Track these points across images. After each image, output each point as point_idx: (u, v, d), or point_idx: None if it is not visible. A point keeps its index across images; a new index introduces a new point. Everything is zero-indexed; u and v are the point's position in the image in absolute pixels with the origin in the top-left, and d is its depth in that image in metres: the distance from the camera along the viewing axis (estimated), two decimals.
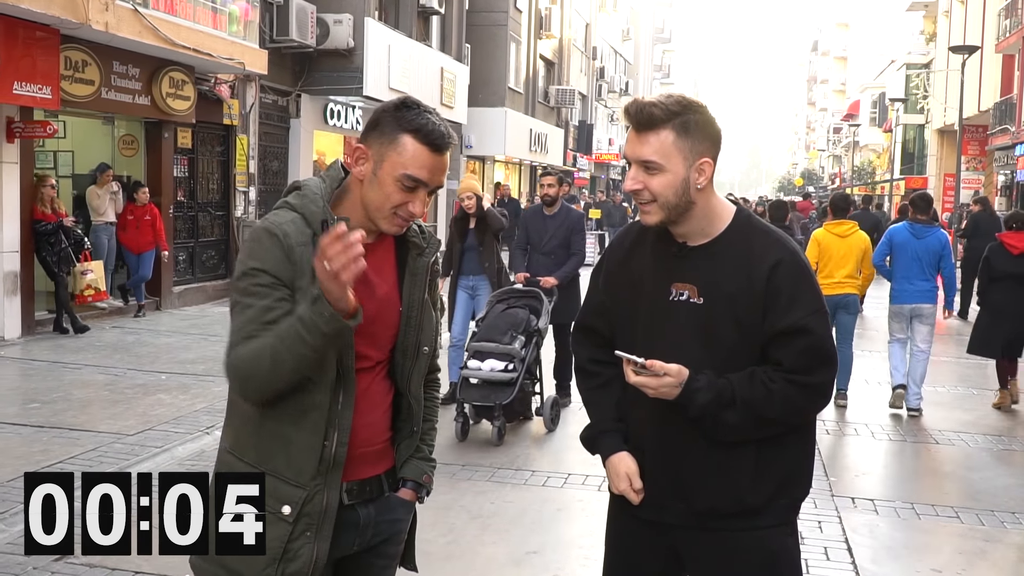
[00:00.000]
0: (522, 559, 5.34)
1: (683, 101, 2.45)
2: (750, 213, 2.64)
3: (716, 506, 2.51)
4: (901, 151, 47.52)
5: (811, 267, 2.59)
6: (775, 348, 2.46)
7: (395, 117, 2.38)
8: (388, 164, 2.36)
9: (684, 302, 2.50)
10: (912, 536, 5.91)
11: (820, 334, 2.47)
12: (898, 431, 8.45)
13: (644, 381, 2.43)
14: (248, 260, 2.32)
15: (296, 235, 2.32)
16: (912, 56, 44.92)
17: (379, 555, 2.61)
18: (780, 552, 2.59)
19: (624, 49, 54.78)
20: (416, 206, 2.40)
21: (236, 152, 16.52)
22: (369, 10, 19.25)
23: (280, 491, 2.35)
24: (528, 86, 33.80)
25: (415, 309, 2.56)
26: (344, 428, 2.39)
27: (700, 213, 2.50)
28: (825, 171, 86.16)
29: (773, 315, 2.44)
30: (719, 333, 2.48)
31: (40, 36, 10.93)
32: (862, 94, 60.96)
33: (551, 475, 6.77)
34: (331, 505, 2.39)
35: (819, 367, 2.48)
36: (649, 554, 2.66)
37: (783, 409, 2.45)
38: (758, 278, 2.45)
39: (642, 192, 2.48)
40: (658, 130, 2.43)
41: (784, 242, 2.54)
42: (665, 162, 2.44)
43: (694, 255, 2.52)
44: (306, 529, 2.36)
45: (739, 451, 2.49)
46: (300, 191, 2.42)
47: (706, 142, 2.46)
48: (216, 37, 13.87)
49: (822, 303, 2.52)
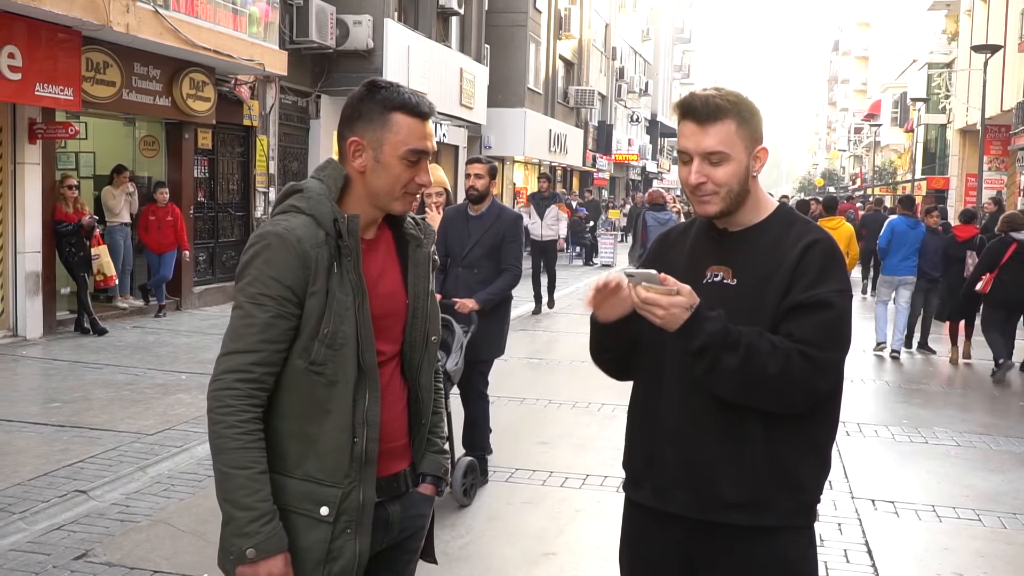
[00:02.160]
0: (539, 560, 5.33)
1: (734, 93, 2.52)
2: (790, 207, 2.70)
3: (722, 493, 2.47)
4: (923, 151, 47.19)
5: (843, 254, 2.57)
6: (791, 319, 2.41)
7: (376, 101, 2.41)
8: (388, 146, 2.40)
9: (718, 283, 2.50)
10: (933, 539, 5.85)
11: (841, 312, 2.42)
12: (919, 432, 8.39)
13: (655, 298, 2.33)
14: (264, 267, 2.32)
15: (309, 239, 2.33)
16: (934, 55, 44.58)
17: (403, 550, 2.64)
18: (798, 562, 2.54)
19: (644, 49, 54.65)
20: (424, 177, 2.47)
21: (256, 153, 16.58)
22: (389, 11, 19.29)
23: (315, 493, 2.36)
24: (547, 87, 33.77)
25: (421, 300, 2.58)
26: (373, 424, 2.41)
27: (752, 201, 2.55)
28: (846, 171, 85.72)
29: (797, 288, 2.42)
30: (748, 313, 2.44)
31: (62, 38, 11.01)
32: (883, 94, 60.58)
33: (569, 476, 6.75)
34: (368, 501, 2.41)
35: (832, 345, 2.41)
36: (663, 556, 2.63)
37: (783, 371, 2.35)
38: (791, 257, 2.45)
39: (705, 184, 2.50)
40: (723, 120, 2.47)
41: (821, 229, 2.58)
42: (731, 151, 2.48)
43: (733, 239, 2.55)
44: (346, 527, 2.38)
45: (749, 443, 2.45)
46: (303, 193, 2.42)
47: (759, 131, 2.54)
48: (236, 38, 13.92)
49: (849, 287, 2.50)
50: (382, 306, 2.46)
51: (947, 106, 41.33)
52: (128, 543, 5.34)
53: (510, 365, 10.70)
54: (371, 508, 2.43)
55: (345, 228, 2.35)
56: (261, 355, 2.31)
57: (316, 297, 2.32)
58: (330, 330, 2.34)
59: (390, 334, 2.52)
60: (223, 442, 2.30)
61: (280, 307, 2.31)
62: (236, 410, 2.29)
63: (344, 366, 2.36)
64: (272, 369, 2.34)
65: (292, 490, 2.36)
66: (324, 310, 2.34)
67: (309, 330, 2.34)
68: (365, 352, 2.39)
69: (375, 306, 2.43)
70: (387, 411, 2.48)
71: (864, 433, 8.33)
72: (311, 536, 2.36)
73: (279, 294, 2.30)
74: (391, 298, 2.52)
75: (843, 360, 2.47)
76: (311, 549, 2.35)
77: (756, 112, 2.54)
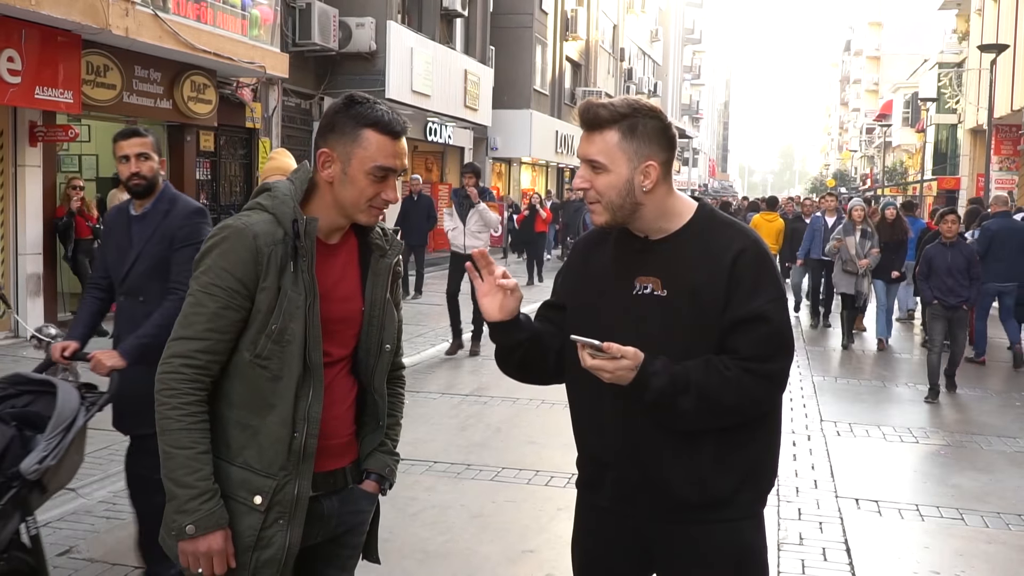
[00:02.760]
0: (517, 557, 5.37)
1: (634, 104, 2.47)
2: (713, 207, 2.65)
3: (681, 496, 2.51)
4: (933, 151, 47.01)
5: (772, 255, 2.58)
6: (733, 336, 2.45)
7: (350, 115, 2.48)
8: (356, 161, 2.46)
9: (648, 295, 2.50)
10: (913, 538, 5.86)
11: (779, 322, 2.46)
12: (910, 433, 8.39)
13: (601, 364, 2.38)
14: (219, 259, 2.41)
15: (266, 236, 2.41)
16: (945, 55, 44.41)
17: (342, 545, 2.70)
18: (752, 546, 2.59)
19: (653, 50, 54.62)
20: (390, 193, 2.52)
21: (259, 155, 16.66)
22: (391, 13, 19.37)
23: (251, 482, 2.45)
24: (554, 88, 33.80)
25: (377, 308, 2.64)
26: (314, 421, 2.48)
27: (652, 213, 2.52)
28: (858, 172, 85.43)
29: (734, 303, 2.44)
30: (682, 324, 2.47)
31: (61, 41, 11.11)
32: (895, 94, 60.33)
33: (555, 475, 6.78)
34: (303, 494, 2.49)
35: (776, 355, 2.46)
36: (618, 551, 2.66)
37: (738, 397, 2.42)
38: (721, 268, 2.45)
39: (589, 191, 2.52)
40: (603, 131, 2.46)
41: (746, 232, 2.55)
42: (608, 162, 2.46)
43: (657, 248, 2.54)
44: (278, 517, 2.46)
45: (699, 441, 2.49)
46: (271, 192, 2.51)
47: (653, 145, 2.48)
48: (237, 41, 14.01)
49: (782, 292, 2.52)
50: (336, 310, 2.54)
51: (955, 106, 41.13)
52: (111, 540, 5.40)
53: None
54: (305, 502, 2.49)
55: (303, 229, 2.42)
56: (207, 343, 2.40)
57: (266, 292, 2.40)
58: (278, 326, 2.41)
59: (341, 338, 2.58)
60: (167, 423, 2.39)
61: (229, 298, 2.39)
62: (180, 392, 2.38)
63: (289, 362, 2.43)
64: (217, 357, 2.43)
65: (231, 477, 2.45)
66: (274, 306, 2.41)
67: (258, 324, 2.42)
68: (312, 351, 2.45)
69: (329, 309, 2.50)
70: (328, 410, 2.53)
71: (855, 433, 8.34)
72: (243, 522, 2.44)
73: (229, 286, 2.39)
74: (346, 303, 2.58)
75: (789, 365, 2.53)
76: (242, 535, 2.44)
77: (654, 129, 2.47)
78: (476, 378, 10.33)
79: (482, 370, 10.77)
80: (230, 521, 2.43)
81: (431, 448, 7.26)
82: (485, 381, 10.11)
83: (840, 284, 13.12)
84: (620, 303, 2.54)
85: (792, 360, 2.54)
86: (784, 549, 5.51)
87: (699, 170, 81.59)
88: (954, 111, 41.85)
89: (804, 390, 10.02)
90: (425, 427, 7.91)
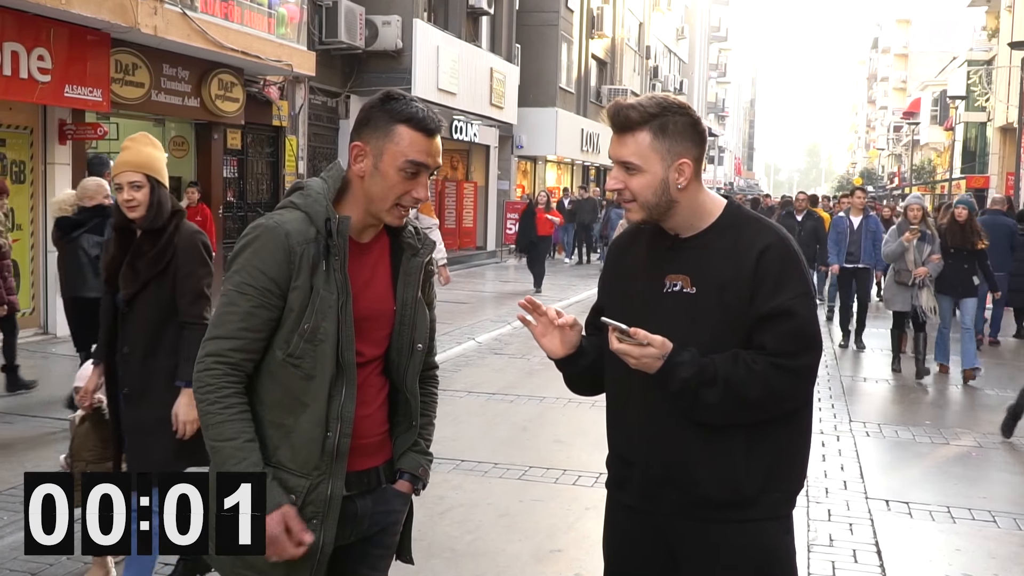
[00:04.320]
0: (545, 557, 5.35)
1: (663, 103, 2.47)
2: (740, 204, 2.65)
3: (708, 494, 2.49)
4: (962, 149, 46.63)
5: (800, 252, 2.56)
6: (760, 331, 2.45)
7: (385, 111, 2.48)
8: (388, 155, 2.46)
9: (678, 292, 2.51)
10: (945, 539, 5.80)
11: (805, 317, 2.45)
12: (940, 434, 8.30)
13: (627, 349, 2.41)
14: (251, 258, 2.42)
15: (298, 235, 2.41)
16: (974, 52, 44.05)
17: (376, 545, 2.69)
18: (776, 549, 2.56)
19: (679, 48, 54.44)
20: (420, 191, 2.51)
21: (286, 153, 16.74)
22: (418, 11, 19.40)
23: (285, 482, 2.44)
24: (580, 86, 33.73)
25: (409, 308, 2.63)
26: (347, 420, 2.47)
27: (685, 210, 2.53)
28: (885, 170, 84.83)
29: (760, 299, 2.44)
30: (708, 320, 2.47)
31: (91, 40, 11.19)
32: (923, 92, 59.88)
33: (582, 474, 6.76)
34: (336, 494, 2.48)
35: (803, 351, 2.45)
36: (646, 550, 2.65)
37: (765, 391, 2.41)
38: (747, 264, 2.46)
39: (623, 192, 2.52)
40: (635, 132, 2.47)
41: (772, 228, 2.55)
42: (643, 163, 2.47)
43: (686, 246, 2.54)
44: (312, 517, 2.45)
45: (728, 438, 2.48)
46: (303, 191, 2.52)
47: (686, 143, 2.48)
48: (264, 39, 14.07)
49: (809, 287, 2.50)
50: (368, 309, 2.53)
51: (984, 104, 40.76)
52: None
53: (531, 364, 10.73)
54: (339, 501, 2.49)
55: (335, 228, 2.42)
56: (241, 342, 2.41)
57: (298, 291, 2.40)
58: (311, 325, 2.41)
59: (373, 337, 2.57)
60: (209, 418, 2.40)
61: (262, 297, 2.40)
62: (216, 387, 2.40)
63: (322, 361, 2.43)
64: (251, 356, 2.43)
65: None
66: (306, 305, 2.41)
67: (290, 323, 2.42)
68: (345, 351, 2.45)
69: (360, 308, 2.49)
70: (360, 409, 2.53)
71: (884, 434, 8.26)
72: None
73: (263, 285, 2.39)
74: (378, 302, 2.58)
75: (817, 361, 2.51)
76: None
77: (685, 126, 2.48)
78: (502, 376, 10.32)
79: (508, 369, 10.76)
80: None
81: (458, 446, 7.25)
82: (511, 380, 10.10)
83: (894, 300, 10.76)
84: (650, 300, 2.55)
85: (820, 356, 2.53)
86: (814, 551, 5.46)
87: (725, 168, 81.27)
88: (983, 109, 41.50)
89: (832, 390, 9.94)
90: (452, 425, 7.91)
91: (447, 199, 25.10)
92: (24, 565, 4.92)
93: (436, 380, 2.88)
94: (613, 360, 2.52)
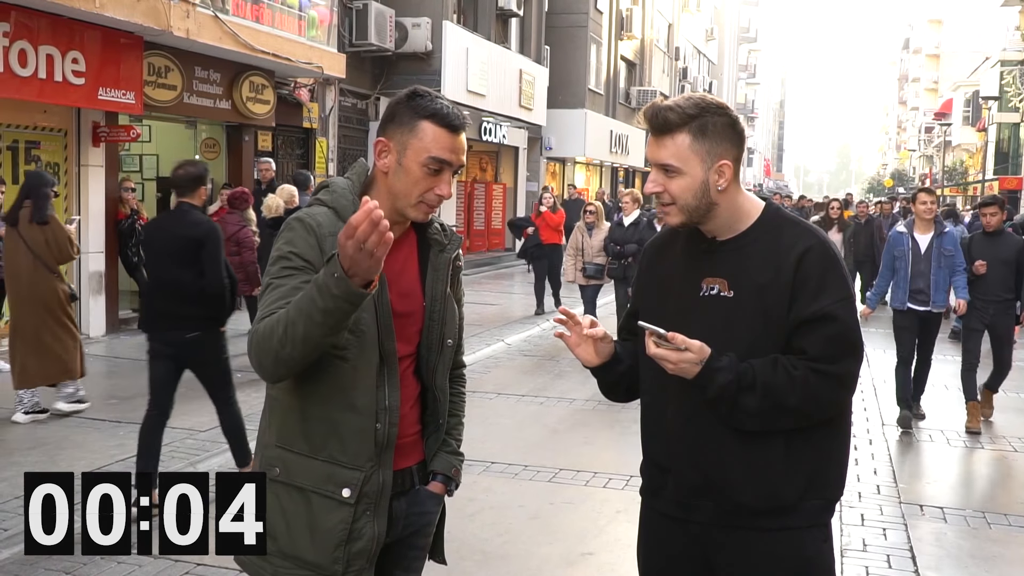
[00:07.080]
0: (577, 560, 5.34)
1: (701, 104, 2.44)
2: (779, 206, 2.61)
3: (746, 502, 2.46)
4: (995, 150, 46.17)
5: (841, 256, 2.53)
6: (800, 336, 2.41)
7: (410, 107, 2.48)
8: (412, 151, 2.46)
9: (715, 296, 2.48)
10: (979, 545, 5.73)
11: (846, 322, 2.41)
12: (975, 439, 8.20)
13: (664, 354, 2.37)
14: (283, 246, 2.43)
15: (328, 226, 2.42)
16: (1007, 52, 43.57)
17: (409, 546, 2.68)
18: (815, 558, 2.53)
19: (708, 49, 54.22)
20: (444, 188, 2.50)
21: (316, 155, 16.80)
22: (447, 13, 19.44)
23: (338, 475, 2.43)
24: (609, 87, 33.67)
25: (438, 303, 2.63)
26: (394, 410, 2.48)
27: (725, 212, 2.49)
28: (916, 172, 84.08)
29: (800, 303, 2.40)
30: (748, 325, 2.44)
31: (124, 43, 11.29)
32: (955, 92, 59.33)
33: (613, 477, 6.74)
34: (387, 483, 2.49)
35: (844, 356, 2.41)
36: (681, 559, 2.62)
37: (804, 397, 2.37)
38: (787, 267, 2.42)
39: (663, 195, 2.49)
40: (674, 134, 2.43)
41: (812, 231, 2.51)
42: (682, 165, 2.43)
43: (724, 249, 2.51)
44: (367, 509, 2.46)
45: (768, 445, 2.44)
46: (329, 188, 2.54)
47: (725, 143, 2.44)
48: (295, 42, 14.13)
49: (850, 291, 2.46)
50: (398, 303, 2.52)
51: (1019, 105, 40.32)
52: None
53: (561, 367, 10.72)
54: (388, 491, 2.49)
55: None
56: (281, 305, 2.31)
57: None
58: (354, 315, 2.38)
59: (404, 333, 2.56)
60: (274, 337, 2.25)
61: (303, 273, 2.37)
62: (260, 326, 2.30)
63: (367, 352, 2.42)
64: None
65: (316, 471, 2.43)
66: None
67: None
68: (385, 340, 2.45)
69: (391, 303, 2.48)
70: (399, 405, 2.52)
71: (919, 437, 8.18)
72: (334, 517, 2.43)
73: (302, 265, 2.38)
74: (408, 297, 2.57)
75: (858, 367, 2.47)
76: (333, 530, 2.43)
77: (724, 126, 2.44)
78: (532, 378, 10.31)
79: (538, 370, 10.75)
80: (317, 516, 2.42)
81: (488, 448, 7.25)
82: (541, 382, 10.09)
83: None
84: (687, 304, 2.52)
85: (861, 362, 2.49)
86: (847, 555, 5.41)
87: (754, 170, 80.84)
88: (1017, 109, 41.04)
89: (864, 392, 9.85)
90: (482, 427, 7.90)
91: (476, 200, 25.10)
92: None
93: (464, 379, 2.88)
94: (649, 365, 2.49)
